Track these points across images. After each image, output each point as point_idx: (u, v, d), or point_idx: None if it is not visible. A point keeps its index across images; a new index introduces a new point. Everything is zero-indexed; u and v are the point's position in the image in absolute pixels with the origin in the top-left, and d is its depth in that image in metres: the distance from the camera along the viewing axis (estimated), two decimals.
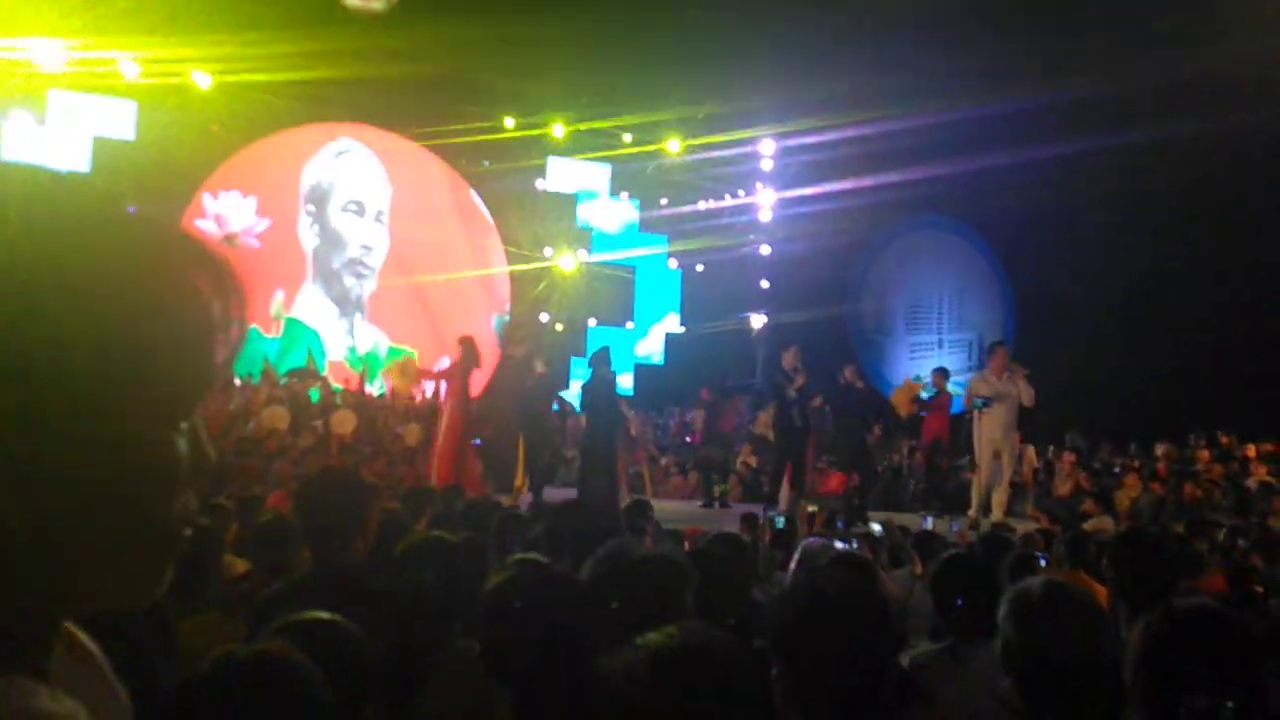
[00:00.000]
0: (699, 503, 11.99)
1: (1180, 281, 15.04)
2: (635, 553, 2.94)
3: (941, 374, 11.92)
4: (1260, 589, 5.34)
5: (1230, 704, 2.01)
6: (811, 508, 10.06)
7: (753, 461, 14.04)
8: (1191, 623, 2.16)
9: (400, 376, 13.27)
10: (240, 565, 4.59)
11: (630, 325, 18.83)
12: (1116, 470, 13.00)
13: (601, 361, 10.32)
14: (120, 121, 15.06)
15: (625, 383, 16.42)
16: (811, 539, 4.31)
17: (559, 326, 18.07)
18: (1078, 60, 14.66)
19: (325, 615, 2.31)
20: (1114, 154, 15.08)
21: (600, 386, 10.22)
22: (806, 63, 15.44)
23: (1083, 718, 2.18)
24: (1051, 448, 13.75)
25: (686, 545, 4.65)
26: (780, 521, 9.10)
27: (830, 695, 2.72)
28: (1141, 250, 15.37)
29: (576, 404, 11.44)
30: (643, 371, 18.54)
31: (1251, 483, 12.20)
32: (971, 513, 10.16)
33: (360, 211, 16.94)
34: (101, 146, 14.87)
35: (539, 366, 11.26)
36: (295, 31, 14.65)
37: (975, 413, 10.10)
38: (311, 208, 16.70)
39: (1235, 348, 14.08)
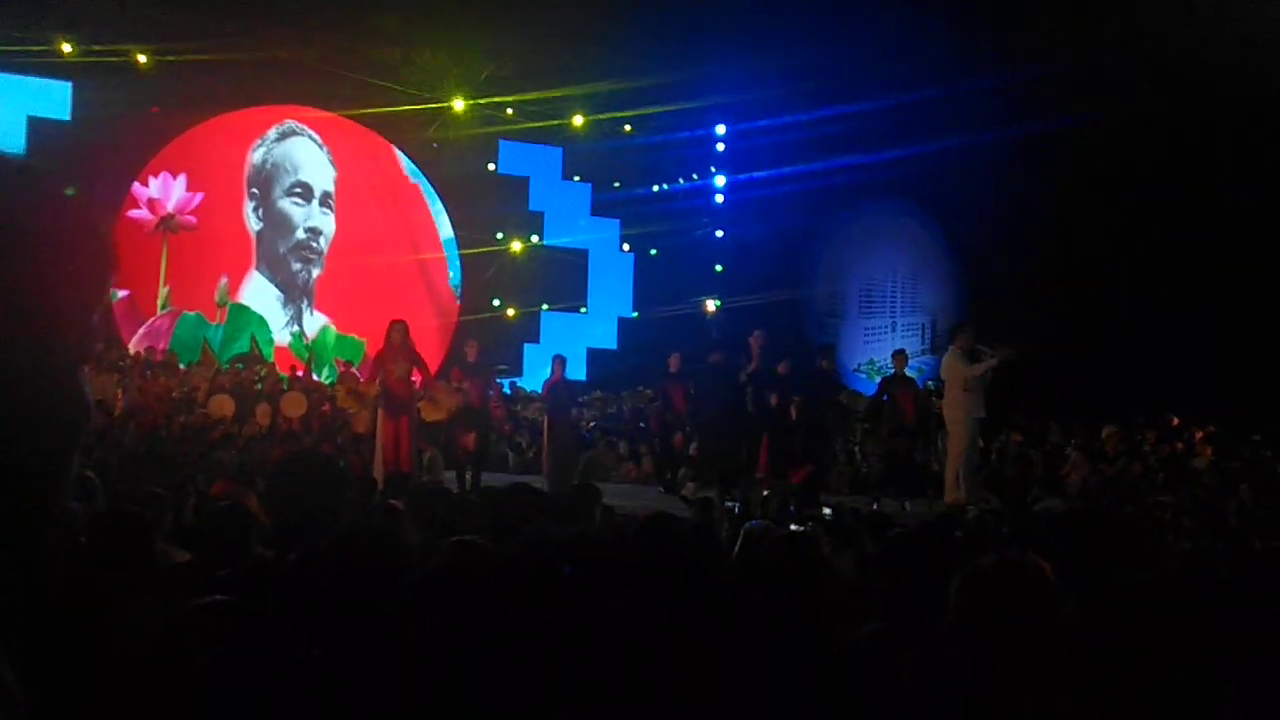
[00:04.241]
0: (659, 489, 11.88)
1: (1129, 264, 15.15)
2: (557, 535, 3.00)
3: (900, 356, 11.80)
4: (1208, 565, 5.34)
5: (1163, 678, 2.05)
6: (766, 492, 9.99)
7: None
8: (1127, 599, 2.20)
9: (352, 400, 13.01)
10: (180, 555, 4.47)
11: (584, 310, 18.71)
12: (1066, 451, 13.06)
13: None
14: (55, 102, 14.72)
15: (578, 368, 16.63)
16: (754, 523, 4.25)
17: (510, 312, 17.88)
18: (1029, 44, 14.71)
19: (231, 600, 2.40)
20: (1065, 137, 15.17)
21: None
22: (761, 47, 15.40)
23: (1029, 693, 2.20)
24: (1004, 431, 13.80)
25: None
26: (738, 507, 9.05)
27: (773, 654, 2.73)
28: (1092, 233, 15.47)
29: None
30: (595, 356, 18.43)
31: (1198, 463, 12.32)
32: (960, 494, 9.89)
33: (306, 195, 16.64)
34: (37, 127, 14.52)
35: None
36: (238, 10, 14.37)
37: (960, 394, 9.91)
38: (256, 191, 16.38)
39: (1184, 331, 14.21)
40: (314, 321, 16.65)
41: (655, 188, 18.78)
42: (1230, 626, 3.00)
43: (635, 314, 18.96)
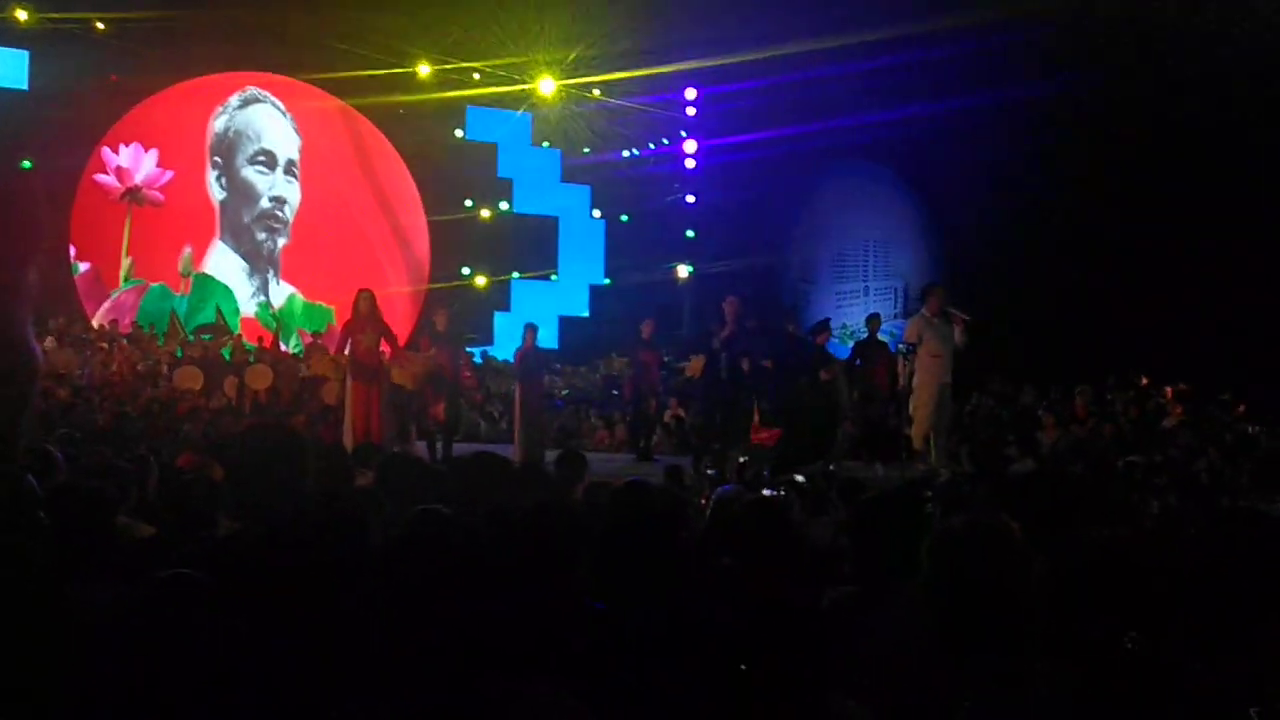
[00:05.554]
0: (632, 456, 11.86)
1: (1100, 226, 15.21)
2: (526, 503, 3.00)
3: (874, 320, 11.76)
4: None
5: (1132, 636, 2.04)
6: (741, 458, 9.97)
7: (681, 413, 13.92)
8: (1094, 557, 2.20)
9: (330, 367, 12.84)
10: (144, 530, 4.37)
11: (554, 277, 18.62)
12: (1038, 413, 13.13)
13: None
14: (12, 71, 14.41)
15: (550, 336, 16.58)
16: (726, 487, 4.23)
17: (480, 280, 17.75)
18: (1006, 8, 14.66)
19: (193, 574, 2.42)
20: (1041, 103, 15.16)
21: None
22: (732, 9, 15.27)
23: (1000, 653, 2.20)
24: (976, 394, 13.86)
25: None
26: (716, 474, 9.05)
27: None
28: (1065, 197, 15.52)
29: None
30: (567, 323, 18.36)
31: (1168, 422, 12.43)
32: (932, 460, 9.88)
33: (270, 163, 16.42)
34: None
35: None
36: None
37: (927, 356, 9.84)
38: (219, 160, 16.15)
39: (1154, 291, 14.30)
40: (280, 291, 16.46)
41: (625, 153, 18.65)
42: (1199, 585, 3.00)
43: (607, 281, 18.88)
